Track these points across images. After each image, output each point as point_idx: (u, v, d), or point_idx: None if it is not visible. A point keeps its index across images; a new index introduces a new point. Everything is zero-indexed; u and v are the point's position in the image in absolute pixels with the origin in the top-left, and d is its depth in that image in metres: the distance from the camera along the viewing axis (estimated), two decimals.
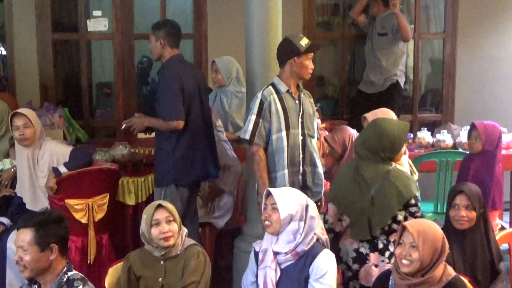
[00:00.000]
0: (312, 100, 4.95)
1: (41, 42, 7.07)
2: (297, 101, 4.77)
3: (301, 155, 4.68)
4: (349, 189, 4.10)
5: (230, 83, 6.24)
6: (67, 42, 7.58)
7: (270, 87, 4.71)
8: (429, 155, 6.19)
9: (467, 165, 5.20)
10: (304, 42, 4.72)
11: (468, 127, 6.61)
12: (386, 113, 4.87)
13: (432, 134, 6.71)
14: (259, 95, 4.67)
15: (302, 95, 4.82)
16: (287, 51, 4.72)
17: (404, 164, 4.69)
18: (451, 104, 7.76)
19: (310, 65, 4.77)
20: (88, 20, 7.23)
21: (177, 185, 4.98)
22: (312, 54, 4.80)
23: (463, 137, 6.49)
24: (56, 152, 5.08)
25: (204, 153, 5.11)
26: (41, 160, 5.07)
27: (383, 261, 3.97)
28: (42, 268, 3.17)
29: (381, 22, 7.26)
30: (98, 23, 7.24)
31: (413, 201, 3.93)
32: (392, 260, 3.86)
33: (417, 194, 3.97)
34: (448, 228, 4.09)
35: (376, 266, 3.97)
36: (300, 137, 4.74)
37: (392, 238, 3.93)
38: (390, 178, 3.95)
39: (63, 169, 4.96)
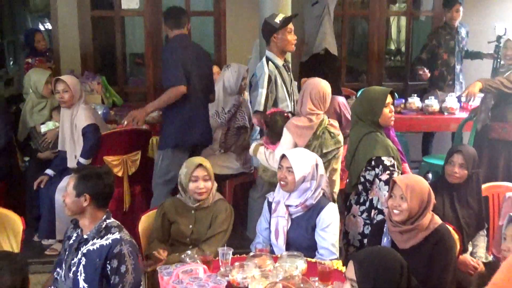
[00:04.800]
0: None
1: (81, 18, 7.03)
2: (289, 73, 4.78)
3: None
4: (349, 149, 4.08)
5: None
6: (104, 18, 7.53)
7: (270, 62, 4.68)
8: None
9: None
10: (279, 18, 4.68)
11: (454, 94, 6.60)
12: (317, 81, 4.47)
13: (421, 100, 6.64)
14: (266, 71, 4.65)
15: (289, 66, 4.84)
16: (267, 31, 4.72)
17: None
18: None
19: (291, 37, 4.73)
20: None
21: (174, 149, 4.87)
22: (291, 27, 4.74)
23: (448, 102, 6.44)
24: (77, 119, 5.05)
25: (203, 120, 5.01)
26: (76, 121, 5.07)
27: (359, 214, 3.94)
28: (78, 211, 3.18)
29: None
30: (131, 1, 7.20)
31: (373, 163, 3.79)
32: (364, 215, 3.90)
33: (382, 157, 3.77)
34: (442, 182, 4.08)
35: (354, 216, 3.96)
36: (292, 103, 4.84)
37: (371, 195, 3.89)
38: (363, 139, 3.88)
39: (82, 160, 4.94)
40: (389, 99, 3.88)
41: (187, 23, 5.01)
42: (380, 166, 3.76)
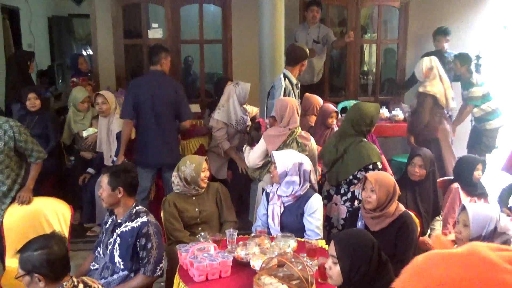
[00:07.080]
0: None
1: (116, 45, 7.03)
2: (298, 91, 4.79)
3: None
4: (330, 150, 4.07)
5: None
6: (134, 46, 7.54)
7: (287, 79, 4.66)
8: None
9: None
10: (307, 49, 4.75)
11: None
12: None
13: (389, 111, 6.65)
14: (283, 84, 4.62)
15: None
16: (302, 55, 4.71)
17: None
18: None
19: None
20: (148, 30, 7.16)
21: (139, 166, 4.59)
22: None
23: None
24: (112, 126, 5.08)
25: (156, 145, 4.68)
26: (111, 127, 5.08)
27: (341, 203, 3.96)
28: (113, 202, 3.18)
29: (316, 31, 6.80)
30: (155, 32, 7.18)
31: (371, 166, 3.85)
32: (347, 204, 3.92)
33: (377, 162, 3.85)
34: (406, 179, 4.08)
35: (336, 204, 3.96)
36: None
37: (352, 188, 3.89)
38: (359, 145, 3.89)
39: (116, 159, 4.89)
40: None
41: (160, 60, 4.72)
42: (375, 169, 3.83)
